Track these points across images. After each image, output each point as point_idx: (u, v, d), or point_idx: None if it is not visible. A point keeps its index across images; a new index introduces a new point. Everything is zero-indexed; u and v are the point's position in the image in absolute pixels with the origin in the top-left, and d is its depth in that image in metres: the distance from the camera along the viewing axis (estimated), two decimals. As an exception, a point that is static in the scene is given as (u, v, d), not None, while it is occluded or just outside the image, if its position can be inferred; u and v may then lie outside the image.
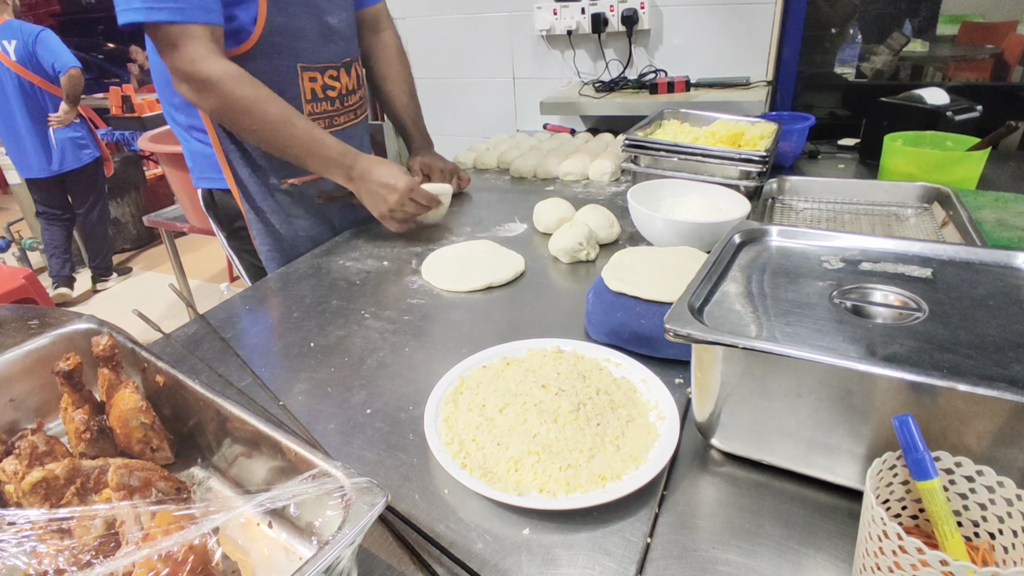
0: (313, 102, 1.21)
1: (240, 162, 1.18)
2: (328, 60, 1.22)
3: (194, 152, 1.23)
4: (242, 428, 0.58)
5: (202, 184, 1.25)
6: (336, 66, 1.24)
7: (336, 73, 1.24)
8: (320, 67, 1.20)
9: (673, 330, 0.56)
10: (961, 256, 0.67)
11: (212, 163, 1.20)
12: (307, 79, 1.19)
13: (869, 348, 0.53)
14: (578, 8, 2.05)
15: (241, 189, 1.20)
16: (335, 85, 1.25)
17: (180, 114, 1.20)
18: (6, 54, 2.95)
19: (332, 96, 1.24)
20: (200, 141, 1.20)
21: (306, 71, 1.18)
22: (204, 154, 1.21)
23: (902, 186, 1.13)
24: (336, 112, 1.27)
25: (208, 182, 1.24)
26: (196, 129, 1.20)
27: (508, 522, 0.57)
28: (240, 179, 1.20)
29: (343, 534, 0.43)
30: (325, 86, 1.22)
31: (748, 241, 0.74)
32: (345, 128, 1.29)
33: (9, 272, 2.20)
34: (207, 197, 1.27)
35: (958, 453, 0.47)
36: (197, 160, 1.23)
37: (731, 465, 0.62)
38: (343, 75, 1.26)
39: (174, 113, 1.21)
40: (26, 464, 0.58)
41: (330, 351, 0.86)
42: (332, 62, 1.23)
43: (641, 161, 1.29)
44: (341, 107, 1.28)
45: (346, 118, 1.30)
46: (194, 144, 1.22)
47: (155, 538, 0.49)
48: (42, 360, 0.71)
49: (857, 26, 2.19)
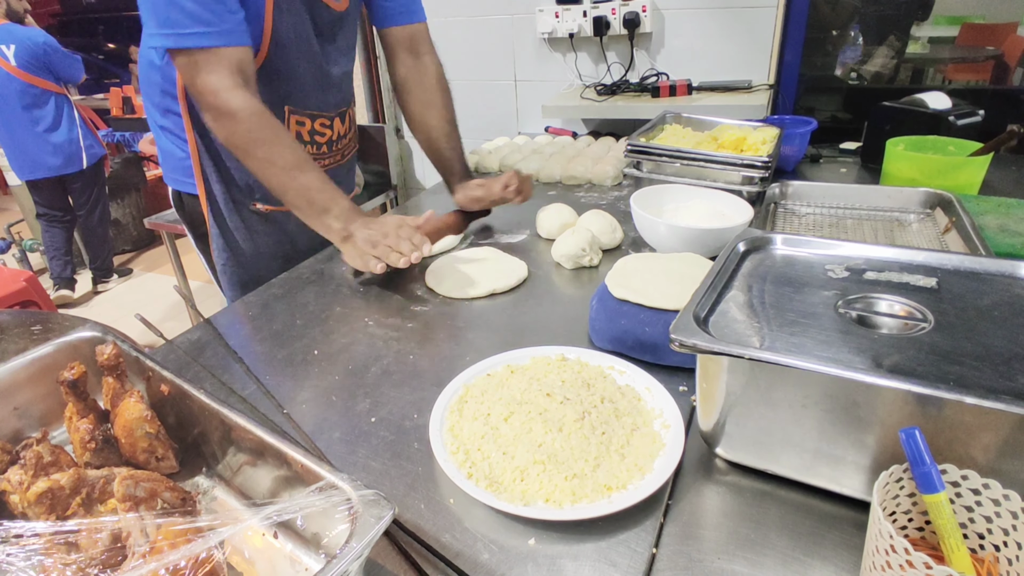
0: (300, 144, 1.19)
1: (213, 175, 1.18)
2: (320, 108, 1.20)
3: (166, 152, 1.23)
4: (247, 438, 0.59)
5: (172, 184, 1.26)
6: (330, 115, 1.23)
7: (328, 121, 1.23)
8: (310, 114, 1.19)
9: (679, 340, 0.56)
10: (966, 266, 0.67)
11: (185, 167, 1.20)
12: (294, 122, 1.17)
13: (875, 359, 0.53)
14: (580, 11, 2.05)
15: (209, 200, 1.20)
16: (325, 132, 1.23)
17: (157, 113, 1.19)
18: (5, 59, 2.96)
19: (320, 141, 1.23)
20: (175, 145, 1.20)
21: (294, 114, 1.16)
22: (176, 156, 1.21)
23: (904, 191, 1.13)
24: (323, 155, 1.25)
25: (178, 184, 1.25)
26: (173, 133, 1.20)
27: (514, 532, 0.57)
28: (210, 190, 1.19)
29: (351, 547, 0.43)
30: (313, 131, 1.21)
31: (752, 249, 0.74)
32: (330, 168, 1.27)
33: (10, 275, 2.20)
34: (176, 197, 1.28)
35: (964, 465, 0.47)
36: (168, 160, 1.24)
37: (736, 474, 0.62)
38: (336, 123, 1.25)
39: (154, 113, 1.21)
40: (31, 474, 0.58)
41: (334, 359, 0.86)
42: (324, 111, 1.21)
43: (643, 166, 1.30)
44: (328, 151, 1.26)
45: (331, 160, 1.28)
46: (168, 145, 1.22)
47: (162, 551, 0.49)
48: (46, 368, 0.71)
49: (858, 28, 2.19)
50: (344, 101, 1.27)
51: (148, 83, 1.17)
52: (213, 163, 1.17)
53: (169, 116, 1.18)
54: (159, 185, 4.46)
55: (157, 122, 1.21)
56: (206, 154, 1.17)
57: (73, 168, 3.25)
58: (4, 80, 2.99)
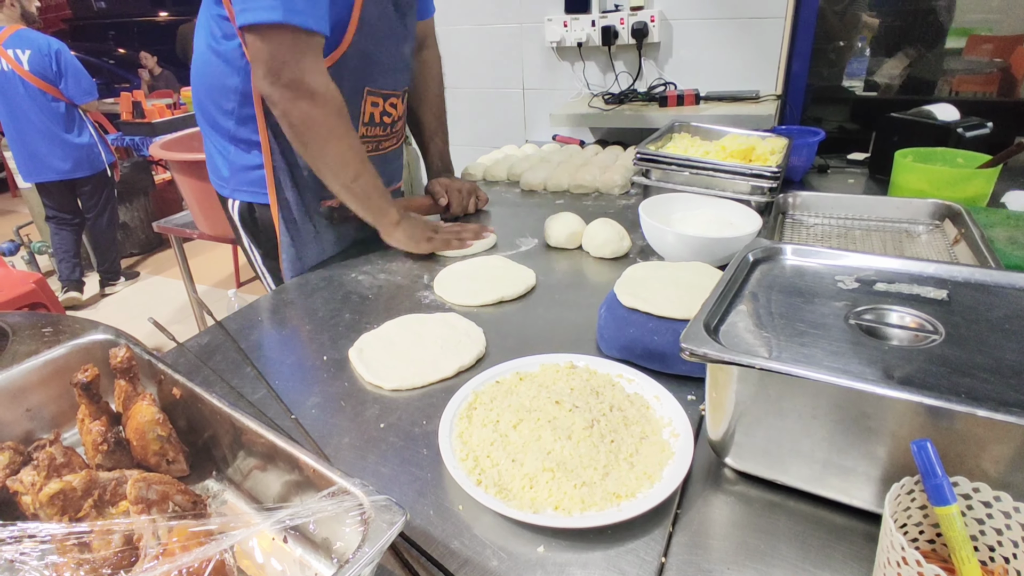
0: (369, 125, 1.22)
1: (287, 181, 1.18)
2: (392, 87, 1.23)
3: (234, 164, 1.17)
4: (258, 442, 0.59)
5: (240, 196, 1.20)
6: (398, 94, 1.26)
7: (396, 101, 1.26)
8: (384, 93, 1.22)
9: (689, 349, 0.56)
10: (977, 278, 0.67)
11: (257, 178, 1.17)
12: (369, 103, 1.20)
13: (885, 371, 0.53)
14: (588, 20, 2.07)
15: (282, 207, 1.19)
16: (392, 112, 1.26)
17: (230, 122, 1.14)
18: (19, 63, 2.99)
19: (387, 122, 1.26)
20: (247, 153, 1.16)
21: (371, 95, 1.19)
22: (248, 166, 1.17)
23: (913, 203, 1.13)
24: (385, 136, 1.28)
25: (247, 195, 1.20)
26: (244, 141, 1.15)
27: (523, 539, 0.58)
28: (283, 198, 1.18)
29: (363, 552, 0.43)
30: (384, 112, 1.24)
31: (762, 259, 0.75)
32: (388, 152, 1.31)
33: (20, 277, 2.22)
34: (245, 211, 1.22)
35: (975, 478, 0.47)
36: (237, 172, 1.18)
37: (745, 484, 0.62)
38: (399, 104, 1.28)
39: (222, 120, 1.15)
40: (44, 475, 0.59)
41: (343, 365, 0.87)
42: (395, 90, 1.24)
43: (652, 175, 1.30)
44: (390, 133, 1.29)
45: (390, 143, 1.31)
46: (236, 155, 1.17)
47: (173, 553, 0.49)
48: (59, 370, 0.72)
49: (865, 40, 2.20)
50: (408, 80, 1.30)
51: (214, 89, 1.12)
52: (288, 168, 1.17)
53: (243, 122, 1.13)
54: (167, 189, 4.50)
55: (226, 130, 1.16)
56: (281, 160, 1.15)
57: (83, 173, 3.27)
58: (18, 84, 3.02)
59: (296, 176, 1.18)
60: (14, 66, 2.99)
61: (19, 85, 3.02)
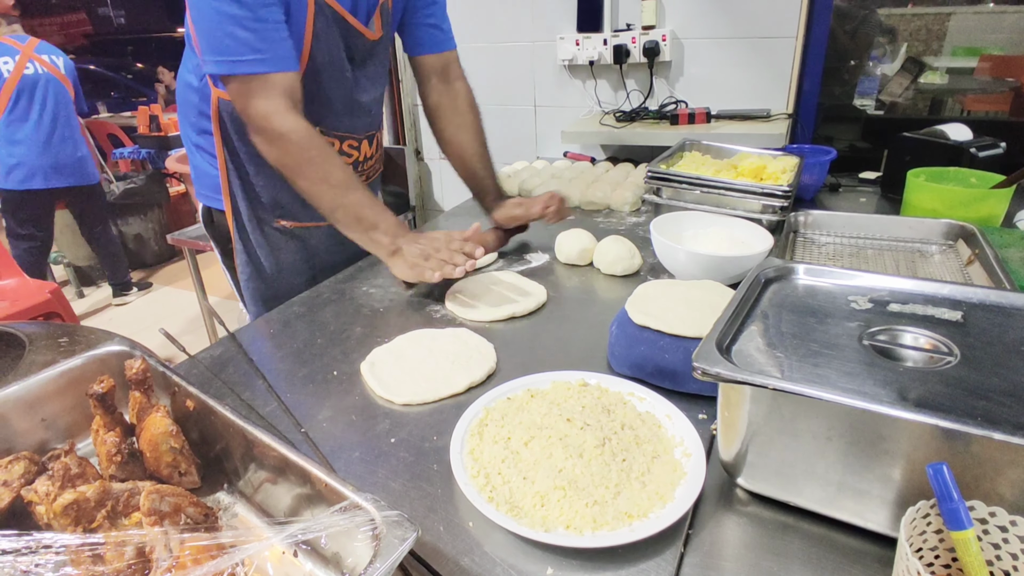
0: None
1: (240, 192, 1.21)
2: (349, 131, 1.23)
3: (199, 169, 1.26)
4: (270, 455, 0.59)
5: (203, 200, 1.29)
6: (358, 137, 1.26)
7: (356, 143, 1.26)
8: (339, 135, 1.21)
9: (702, 368, 0.56)
10: (992, 299, 0.66)
11: (215, 184, 1.22)
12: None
13: (900, 392, 0.53)
14: (600, 39, 2.08)
15: (235, 216, 1.23)
16: (352, 153, 1.26)
17: (192, 132, 1.23)
18: (56, 67, 3.05)
19: (347, 163, 1.22)
20: (207, 163, 1.24)
21: (324, 135, 1.15)
22: (208, 174, 1.24)
23: (926, 223, 1.13)
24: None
25: (208, 200, 1.27)
26: (204, 151, 1.23)
27: (532, 558, 0.57)
28: (236, 207, 1.22)
29: (375, 568, 0.43)
30: (341, 152, 1.23)
31: (774, 279, 0.74)
32: None
33: (35, 286, 2.25)
34: (206, 214, 1.30)
35: (991, 501, 0.46)
36: (200, 177, 1.27)
37: (757, 505, 0.61)
38: (364, 145, 1.28)
39: (189, 132, 1.24)
40: (58, 485, 0.59)
41: (354, 379, 0.87)
42: (352, 133, 1.24)
43: (663, 193, 1.30)
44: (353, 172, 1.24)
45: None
46: (200, 162, 1.25)
47: (185, 566, 0.49)
48: (74, 381, 0.72)
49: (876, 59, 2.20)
50: (372, 125, 1.29)
51: (185, 103, 1.21)
52: (240, 180, 1.20)
53: (204, 136, 1.21)
54: (181, 201, 4.55)
55: (192, 141, 1.25)
56: (234, 172, 1.19)
57: (85, 182, 3.28)
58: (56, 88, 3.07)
59: (247, 189, 1.21)
60: (51, 70, 3.05)
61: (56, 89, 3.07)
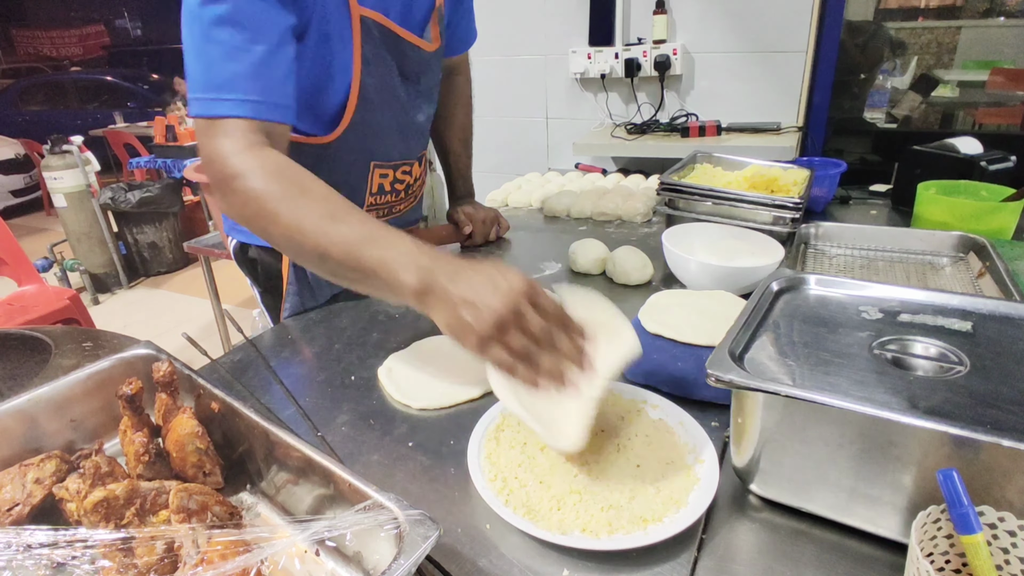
0: (378, 195, 1.17)
1: None
2: (403, 156, 1.17)
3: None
4: (292, 455, 0.61)
5: (240, 236, 1.16)
6: (410, 161, 1.20)
7: (409, 168, 1.20)
8: (394, 164, 1.16)
9: (715, 375, 0.57)
10: (1001, 311, 0.67)
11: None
12: (378, 175, 1.14)
13: (911, 401, 0.54)
14: (612, 53, 2.11)
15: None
16: (405, 179, 1.21)
17: None
18: None
19: (399, 189, 1.20)
20: None
21: (378, 168, 1.13)
22: None
23: (937, 235, 1.13)
24: (398, 201, 1.23)
25: (240, 235, 1.17)
26: None
27: (548, 560, 0.58)
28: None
29: (399, 565, 0.44)
30: (395, 180, 1.18)
31: (786, 289, 0.76)
32: (404, 213, 1.26)
33: (55, 293, 2.29)
34: (239, 250, 1.20)
35: (1000, 506, 0.47)
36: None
37: (770, 511, 0.62)
38: (415, 168, 1.23)
39: None
40: (89, 483, 0.61)
41: (372, 384, 0.89)
42: (408, 158, 1.18)
43: (675, 204, 1.32)
44: (405, 196, 1.24)
45: (406, 205, 1.26)
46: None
47: (212, 561, 0.51)
48: (102, 383, 0.74)
49: (886, 72, 2.22)
50: (424, 144, 1.25)
51: None
52: None
53: None
54: (195, 209, 4.62)
55: None
56: None
57: None
58: None
59: None
60: None
61: None
